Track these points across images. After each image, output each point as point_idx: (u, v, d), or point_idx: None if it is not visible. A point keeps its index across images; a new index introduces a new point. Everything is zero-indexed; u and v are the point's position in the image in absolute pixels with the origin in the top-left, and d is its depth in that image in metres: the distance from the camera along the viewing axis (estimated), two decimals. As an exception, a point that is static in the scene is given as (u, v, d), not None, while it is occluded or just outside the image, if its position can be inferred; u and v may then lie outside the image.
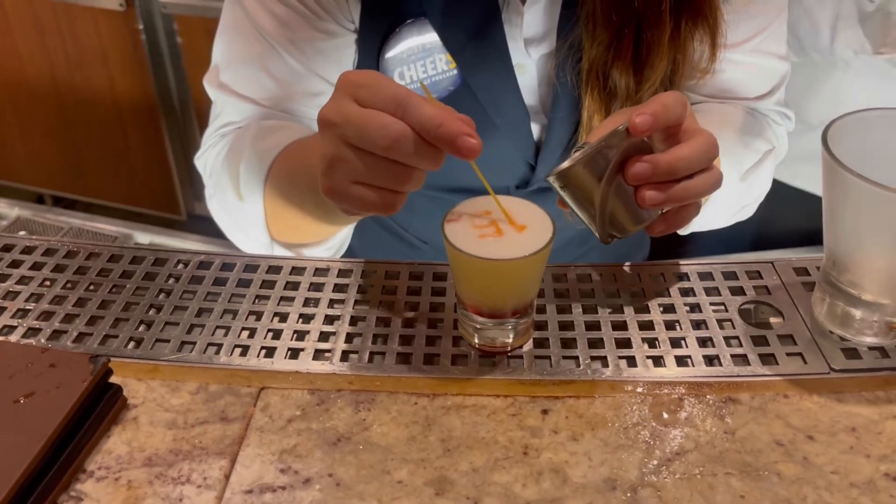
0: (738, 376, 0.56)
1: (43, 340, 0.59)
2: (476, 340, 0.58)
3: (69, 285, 0.64)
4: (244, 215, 0.70)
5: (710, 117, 0.75)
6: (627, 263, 0.66)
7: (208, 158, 0.76)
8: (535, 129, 0.76)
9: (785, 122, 0.81)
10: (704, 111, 0.77)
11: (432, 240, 0.85)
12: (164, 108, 1.96)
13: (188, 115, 1.97)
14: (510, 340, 0.57)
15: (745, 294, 0.63)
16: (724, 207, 0.74)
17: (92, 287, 0.64)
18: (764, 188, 0.77)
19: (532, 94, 0.74)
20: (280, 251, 0.71)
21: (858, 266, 0.55)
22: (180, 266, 0.66)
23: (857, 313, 0.57)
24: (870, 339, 0.58)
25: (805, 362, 0.57)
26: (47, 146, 2.14)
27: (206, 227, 2.11)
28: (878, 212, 0.52)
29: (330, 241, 0.72)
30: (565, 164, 0.53)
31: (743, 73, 0.76)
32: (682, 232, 0.72)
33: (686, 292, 0.63)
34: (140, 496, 0.48)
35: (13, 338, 0.59)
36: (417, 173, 0.49)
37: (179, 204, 2.12)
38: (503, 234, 0.54)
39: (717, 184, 0.55)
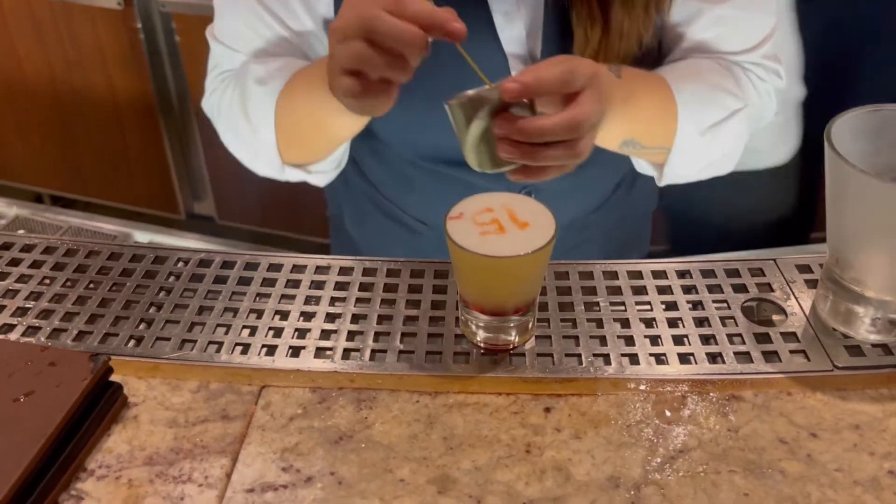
0: (741, 374, 0.56)
1: (43, 339, 0.59)
2: (478, 339, 0.58)
3: (69, 283, 0.64)
4: (259, 143, 0.74)
5: (677, 72, 0.74)
6: (629, 260, 0.66)
7: (213, 102, 0.79)
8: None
9: (771, 77, 0.79)
10: (677, 66, 0.76)
11: (432, 221, 0.84)
12: (163, 106, 1.96)
13: (187, 114, 1.96)
14: (513, 338, 0.57)
15: (747, 291, 0.62)
16: (688, 161, 0.74)
17: (92, 285, 0.63)
18: (731, 146, 0.76)
19: (520, 44, 0.73)
20: (291, 173, 0.75)
21: (862, 263, 0.55)
22: (180, 264, 0.66)
23: (861, 310, 0.57)
24: (873, 337, 0.57)
25: (808, 360, 0.57)
26: (46, 145, 2.14)
27: (204, 226, 2.11)
28: (883, 208, 0.51)
29: (333, 155, 0.76)
30: (455, 97, 0.56)
31: (724, 28, 0.75)
32: (660, 183, 0.76)
33: (688, 289, 0.63)
34: (141, 495, 0.48)
35: (13, 336, 0.59)
36: (404, 61, 0.53)
37: (178, 203, 2.12)
38: (505, 231, 0.54)
39: (576, 157, 0.57)
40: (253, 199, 2.01)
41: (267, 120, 0.72)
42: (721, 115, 0.73)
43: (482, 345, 0.58)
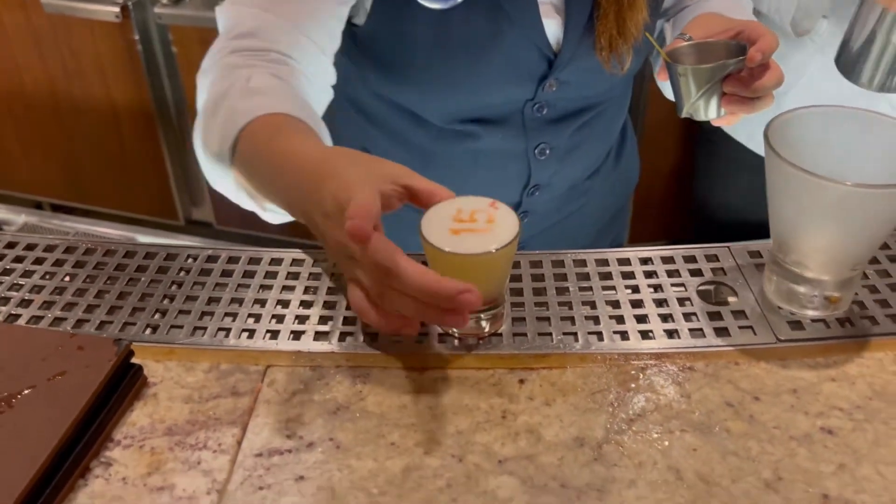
0: (694, 347, 0.62)
1: (68, 328, 0.65)
2: (453, 329, 0.64)
3: (89, 279, 0.70)
4: (214, 171, 0.69)
5: (720, 4, 0.87)
6: (597, 250, 0.72)
7: (210, 79, 0.71)
8: (553, 24, 0.80)
9: None
10: (712, 4, 0.88)
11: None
12: (161, 116, 2.02)
13: (184, 123, 2.02)
14: (484, 327, 0.63)
15: (703, 275, 0.69)
16: None
17: (109, 281, 0.70)
18: None
19: None
20: (244, 201, 0.69)
21: (800, 247, 0.62)
22: (189, 260, 0.72)
23: (801, 290, 0.64)
24: (812, 313, 0.64)
25: (755, 334, 0.63)
26: (45, 155, 2.19)
27: (203, 231, 2.17)
28: (814, 198, 0.58)
29: None
30: (689, 64, 0.74)
31: None
32: None
33: (650, 274, 0.70)
34: (162, 460, 0.55)
35: (42, 326, 0.65)
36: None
37: (177, 209, 2.17)
38: (474, 230, 0.58)
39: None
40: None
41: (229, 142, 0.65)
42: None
43: (456, 333, 0.64)
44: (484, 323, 0.63)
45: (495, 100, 0.82)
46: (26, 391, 0.55)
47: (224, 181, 0.68)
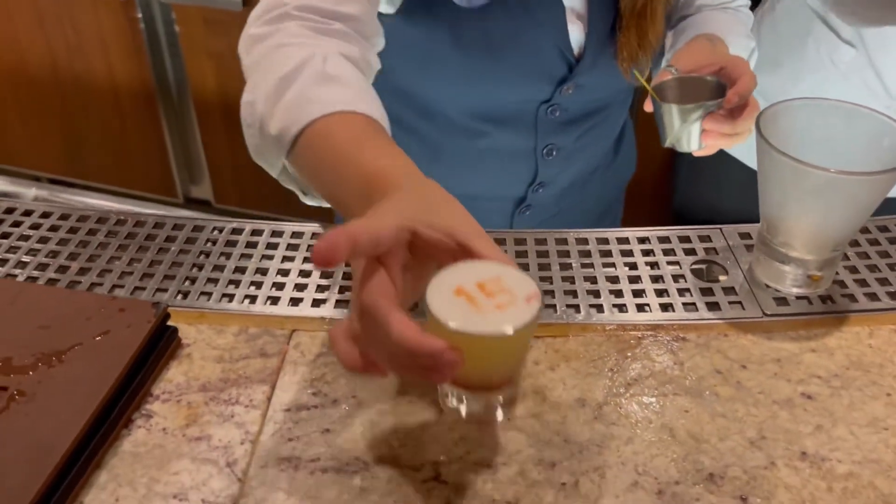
0: (687, 320, 0.68)
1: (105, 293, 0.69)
2: (456, 405, 0.56)
3: (121, 249, 0.74)
4: (260, 143, 0.65)
5: (717, 24, 0.91)
6: (598, 229, 0.77)
7: (271, 44, 0.66)
8: (576, 30, 0.84)
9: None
10: (710, 21, 0.92)
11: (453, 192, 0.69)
12: (162, 94, 2.04)
13: (185, 101, 2.05)
14: (497, 408, 0.57)
15: (696, 254, 0.74)
16: None
17: (141, 250, 0.74)
18: None
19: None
20: (285, 179, 0.68)
21: (787, 228, 0.67)
22: (216, 232, 0.77)
23: (786, 269, 0.69)
24: (796, 290, 0.69)
25: (743, 308, 0.69)
26: (45, 130, 2.21)
27: (202, 210, 2.20)
28: (800, 183, 0.63)
29: None
30: (674, 102, 0.80)
31: None
32: None
33: (647, 253, 0.75)
34: (199, 413, 0.59)
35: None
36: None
37: (176, 187, 2.20)
38: (483, 306, 0.47)
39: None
40: (249, 183, 2.10)
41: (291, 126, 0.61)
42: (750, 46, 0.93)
43: (464, 415, 0.56)
44: (496, 404, 0.58)
45: (511, 99, 0.86)
46: (75, 347, 0.59)
47: (266, 156, 0.65)
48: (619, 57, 0.84)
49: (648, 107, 0.85)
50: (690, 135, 0.82)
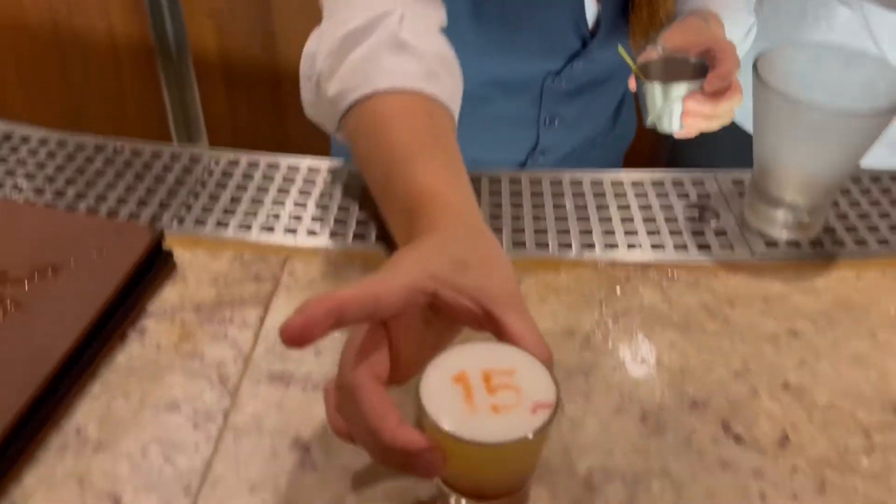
0: (677, 260, 0.68)
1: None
2: None
3: (118, 176, 0.75)
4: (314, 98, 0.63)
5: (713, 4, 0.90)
6: (593, 170, 0.78)
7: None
8: (591, 5, 0.84)
9: None
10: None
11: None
12: (161, 52, 2.03)
13: (184, 59, 2.04)
14: None
15: (689, 198, 0.75)
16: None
17: (137, 178, 0.75)
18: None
19: None
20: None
21: (779, 171, 0.68)
22: (212, 163, 0.77)
23: (778, 213, 0.70)
24: (787, 235, 0.70)
25: (733, 251, 0.69)
26: (43, 86, 2.20)
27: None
28: (795, 123, 0.64)
29: None
30: (657, 80, 0.78)
31: None
32: None
33: (640, 195, 0.75)
34: (192, 331, 0.60)
35: (74, 215, 0.70)
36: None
37: (173, 144, 2.20)
38: (478, 403, 0.40)
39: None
40: (246, 143, 2.10)
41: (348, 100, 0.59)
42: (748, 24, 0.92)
43: None
44: None
45: (522, 70, 0.86)
46: (71, 263, 0.60)
47: (319, 114, 0.64)
48: (630, 35, 0.85)
49: (633, 85, 0.84)
50: (672, 115, 0.82)
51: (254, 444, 0.53)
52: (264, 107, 2.09)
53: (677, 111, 0.81)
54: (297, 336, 0.40)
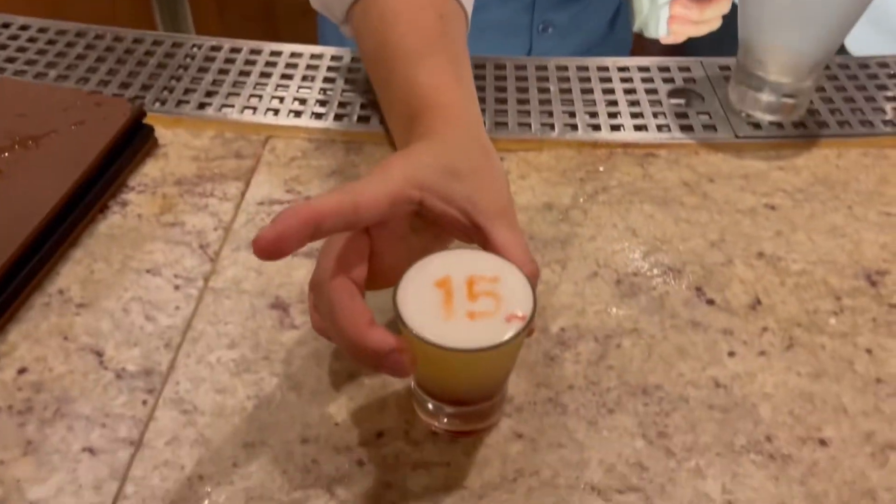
0: (660, 140, 0.68)
1: (82, 98, 0.70)
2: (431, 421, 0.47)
3: (100, 60, 0.74)
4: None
5: None
6: (579, 57, 0.77)
7: None
8: None
9: None
10: None
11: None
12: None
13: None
14: (483, 419, 0.47)
15: (674, 83, 0.74)
16: None
17: (119, 62, 0.74)
18: None
19: None
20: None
21: (763, 49, 0.67)
22: (195, 48, 0.76)
23: (762, 95, 0.69)
24: (770, 117, 0.70)
25: (716, 131, 0.69)
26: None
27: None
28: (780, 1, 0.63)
29: None
30: None
31: None
32: None
33: (626, 80, 0.75)
34: (173, 204, 0.61)
35: (56, 96, 0.70)
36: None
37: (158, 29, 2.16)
38: (455, 309, 0.40)
39: None
40: (234, 31, 2.07)
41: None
42: None
43: (440, 430, 0.47)
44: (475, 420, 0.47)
45: None
46: (51, 134, 0.60)
47: (326, 3, 0.64)
48: None
49: None
50: (658, 20, 0.82)
51: (233, 304, 0.54)
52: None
53: (664, 16, 0.81)
54: (271, 248, 0.38)
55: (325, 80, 0.73)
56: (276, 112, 0.69)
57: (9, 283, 0.52)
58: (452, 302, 0.40)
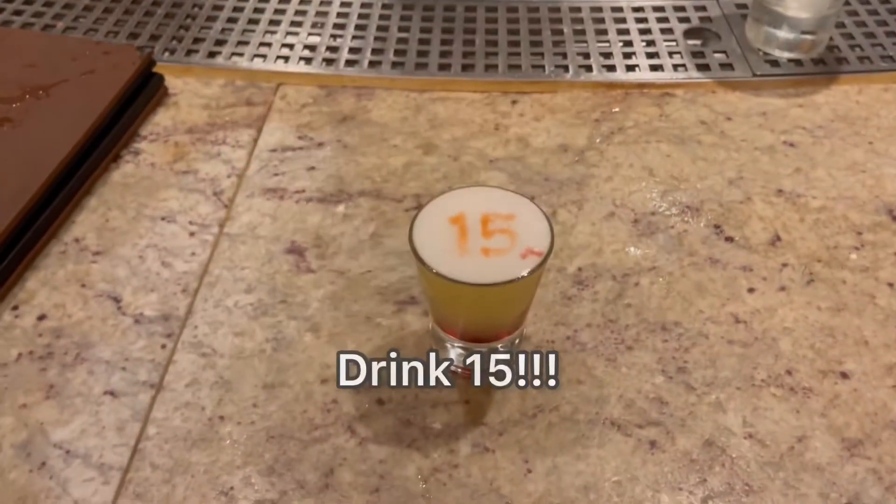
0: (676, 79, 0.67)
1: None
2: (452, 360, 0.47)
3: (106, 11, 0.74)
4: None
5: None
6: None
7: None
8: None
9: None
10: None
11: None
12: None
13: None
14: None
15: (690, 22, 0.73)
16: None
17: (127, 12, 0.73)
18: None
19: None
20: None
21: (782, -16, 0.66)
22: (202, -3, 0.75)
23: (780, 32, 0.68)
24: (788, 54, 0.68)
25: (733, 69, 0.68)
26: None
27: None
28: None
29: None
30: None
31: None
32: None
33: (640, 20, 0.73)
34: (186, 152, 0.60)
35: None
36: None
37: None
38: (469, 246, 0.40)
39: None
40: None
41: None
42: None
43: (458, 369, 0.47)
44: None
45: None
46: (61, 83, 0.60)
47: None
48: None
49: None
50: None
51: (249, 249, 0.54)
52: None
53: None
54: None
55: (336, 26, 0.72)
56: (287, 59, 0.69)
57: (25, 232, 0.52)
58: (467, 238, 0.40)
